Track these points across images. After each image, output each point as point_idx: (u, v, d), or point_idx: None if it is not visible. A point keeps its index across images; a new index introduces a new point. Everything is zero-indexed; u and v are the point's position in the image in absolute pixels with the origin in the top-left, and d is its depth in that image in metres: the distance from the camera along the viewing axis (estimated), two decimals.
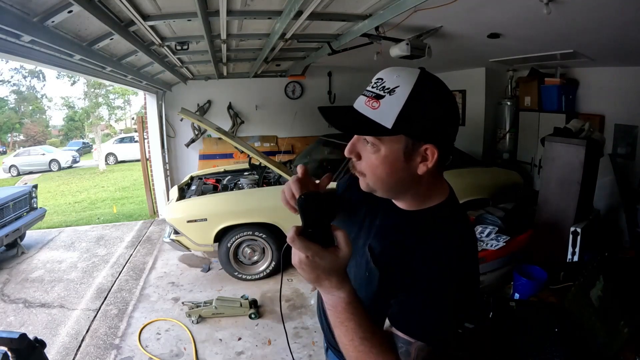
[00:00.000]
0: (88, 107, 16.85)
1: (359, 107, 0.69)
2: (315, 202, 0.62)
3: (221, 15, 2.17)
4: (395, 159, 0.69)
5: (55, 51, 2.13)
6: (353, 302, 0.63)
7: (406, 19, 2.32)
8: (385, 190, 0.74)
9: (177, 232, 3.29)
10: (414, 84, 0.66)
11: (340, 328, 0.63)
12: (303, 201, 0.62)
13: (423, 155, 0.69)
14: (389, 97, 0.66)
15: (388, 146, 0.68)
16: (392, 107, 0.65)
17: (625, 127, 3.35)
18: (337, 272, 0.61)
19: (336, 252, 0.60)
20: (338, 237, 0.61)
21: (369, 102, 0.68)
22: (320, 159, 4.17)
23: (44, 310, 3.17)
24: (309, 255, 0.59)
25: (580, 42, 2.80)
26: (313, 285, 0.64)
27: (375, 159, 0.69)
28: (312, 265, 0.60)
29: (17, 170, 14.03)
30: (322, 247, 0.60)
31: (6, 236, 3.93)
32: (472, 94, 4.95)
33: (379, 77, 0.69)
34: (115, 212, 6.79)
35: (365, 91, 0.70)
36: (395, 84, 0.66)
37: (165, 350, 2.56)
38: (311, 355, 2.49)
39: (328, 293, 0.63)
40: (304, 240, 0.59)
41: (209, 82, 5.51)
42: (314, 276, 0.61)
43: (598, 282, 1.84)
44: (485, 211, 3.24)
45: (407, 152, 0.68)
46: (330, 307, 0.64)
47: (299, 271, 0.62)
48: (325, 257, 0.59)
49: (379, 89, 0.67)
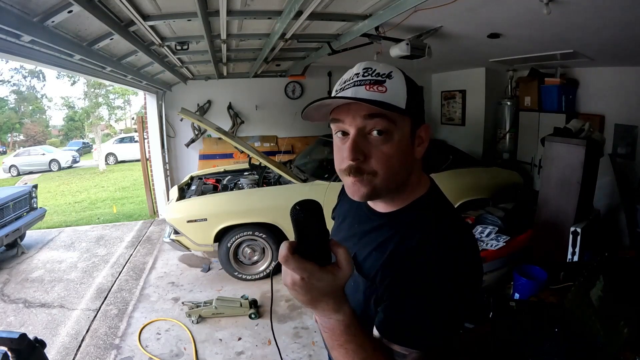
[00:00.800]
0: (88, 107, 16.86)
1: (362, 95, 0.63)
2: (313, 214, 0.52)
3: (221, 15, 2.17)
4: (407, 144, 0.67)
5: (55, 51, 2.13)
6: (352, 325, 0.56)
7: (406, 19, 2.32)
8: (395, 186, 0.68)
9: (177, 232, 3.29)
10: (399, 70, 0.67)
11: (339, 350, 0.57)
12: (298, 212, 0.52)
13: (419, 137, 0.69)
14: (389, 80, 0.65)
15: (400, 130, 0.65)
16: (398, 89, 0.65)
17: (625, 127, 3.35)
18: (334, 293, 0.54)
19: (335, 271, 0.53)
20: (338, 255, 0.54)
21: (371, 87, 0.64)
22: (320, 159, 4.18)
23: (44, 310, 3.17)
24: (305, 277, 0.51)
25: (580, 42, 2.80)
26: (306, 307, 0.58)
27: (388, 148, 0.64)
28: (307, 287, 0.52)
29: (17, 170, 14.02)
30: (319, 267, 0.52)
31: (6, 236, 3.93)
32: (472, 94, 4.96)
33: (365, 67, 0.67)
34: (115, 212, 6.79)
35: (355, 82, 0.65)
36: (387, 70, 0.66)
37: (165, 350, 2.57)
38: (311, 355, 2.49)
39: (324, 316, 0.56)
40: (299, 260, 0.51)
41: (209, 82, 5.51)
42: (308, 298, 0.53)
43: (598, 282, 1.84)
44: (485, 211, 3.25)
45: (412, 135, 0.67)
46: (327, 330, 0.57)
47: (290, 293, 0.54)
48: (322, 278, 0.51)
49: (374, 75, 0.65)
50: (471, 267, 0.65)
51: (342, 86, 0.67)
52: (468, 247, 0.66)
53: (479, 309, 2.01)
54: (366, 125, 0.64)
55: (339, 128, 0.67)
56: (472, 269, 0.65)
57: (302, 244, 0.52)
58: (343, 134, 0.67)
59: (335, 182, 3.39)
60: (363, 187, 0.66)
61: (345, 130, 0.66)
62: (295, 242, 0.53)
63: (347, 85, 0.66)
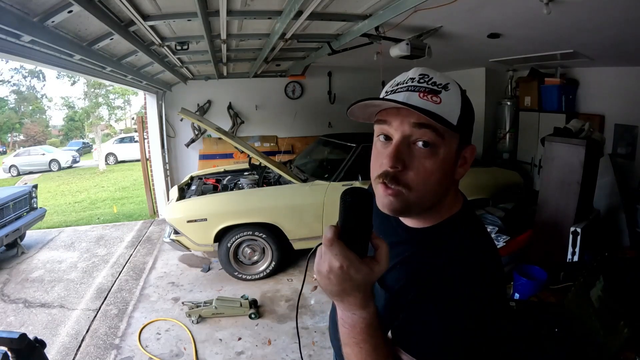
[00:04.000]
0: (88, 107, 16.85)
1: (414, 102, 0.59)
2: (363, 202, 0.50)
3: (221, 15, 2.17)
4: (450, 163, 0.62)
5: (55, 51, 2.13)
6: (374, 324, 0.55)
7: (406, 19, 2.32)
8: (429, 205, 0.64)
9: (177, 232, 3.29)
10: (456, 83, 0.63)
11: (354, 348, 0.55)
12: (350, 197, 0.50)
13: (464, 157, 0.65)
14: (445, 92, 0.60)
15: (447, 147, 0.61)
16: (453, 103, 0.60)
17: (625, 127, 3.35)
18: (365, 288, 0.52)
19: (372, 265, 0.51)
20: (379, 249, 0.52)
21: (426, 95, 0.60)
22: (320, 159, 4.18)
23: (44, 310, 3.17)
24: (345, 266, 0.49)
25: (580, 42, 2.80)
26: (332, 299, 0.55)
27: (431, 164, 0.60)
28: (343, 277, 0.50)
29: (17, 170, 14.02)
30: (359, 258, 0.50)
31: (6, 236, 3.93)
32: (472, 94, 4.88)
33: (422, 73, 0.63)
34: (115, 212, 6.79)
35: (409, 86, 0.61)
36: (445, 81, 0.62)
37: (165, 350, 2.56)
38: (311, 355, 2.48)
39: (348, 310, 0.54)
40: (344, 247, 0.49)
41: (209, 82, 5.52)
42: (339, 289, 0.51)
43: (598, 282, 1.84)
44: (485, 211, 3.25)
45: (457, 154, 0.63)
46: (347, 325, 0.55)
47: (319, 280, 0.52)
48: (361, 270, 0.50)
49: (430, 84, 0.61)
50: (494, 293, 0.62)
51: (394, 88, 0.63)
52: (495, 270, 0.64)
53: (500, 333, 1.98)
54: (413, 134, 0.60)
55: (382, 131, 0.63)
56: (495, 295, 0.62)
57: (346, 231, 0.50)
58: (386, 138, 0.63)
59: (335, 182, 3.39)
60: (396, 202, 0.61)
61: (389, 134, 0.62)
62: (340, 228, 0.51)
63: (399, 88, 0.62)
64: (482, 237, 0.68)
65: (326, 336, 2.63)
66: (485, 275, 0.62)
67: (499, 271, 0.65)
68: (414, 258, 0.66)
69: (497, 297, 0.63)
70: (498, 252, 0.70)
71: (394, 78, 0.67)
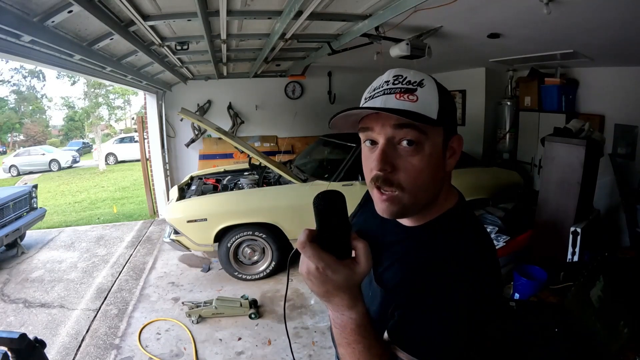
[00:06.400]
0: (88, 107, 16.84)
1: (391, 104, 0.61)
2: (334, 204, 0.51)
3: (221, 15, 2.17)
4: (438, 157, 0.63)
5: (55, 51, 2.13)
6: (364, 325, 0.55)
7: (406, 19, 2.32)
8: (424, 202, 0.65)
9: (177, 232, 3.29)
10: (431, 77, 0.64)
11: (347, 348, 0.56)
12: (320, 202, 0.52)
13: (451, 148, 0.66)
14: (421, 89, 0.61)
15: (432, 142, 0.62)
16: (430, 99, 0.61)
17: (625, 127, 3.35)
18: (350, 289, 0.53)
19: (353, 266, 0.52)
20: (358, 249, 0.53)
21: (402, 96, 0.61)
22: (320, 159, 4.18)
23: (44, 310, 3.17)
24: (320, 268, 0.51)
25: (580, 42, 2.80)
26: (320, 300, 0.56)
27: (418, 161, 0.61)
28: (322, 278, 0.52)
29: (17, 170, 14.03)
30: (336, 259, 0.51)
31: (6, 236, 3.93)
32: (472, 94, 4.95)
33: (396, 74, 0.64)
34: (115, 212, 6.79)
35: (385, 90, 0.63)
36: (419, 78, 0.63)
37: (165, 350, 2.56)
38: (311, 355, 2.48)
39: (337, 311, 0.55)
40: (317, 249, 0.51)
41: (209, 82, 5.52)
42: (322, 290, 0.53)
43: (598, 282, 1.84)
44: (485, 211, 3.25)
45: (444, 147, 0.64)
46: (338, 326, 0.56)
47: (306, 283, 0.54)
48: (339, 271, 0.51)
49: (405, 83, 0.62)
50: (491, 288, 0.63)
51: (372, 94, 0.64)
52: (490, 265, 0.64)
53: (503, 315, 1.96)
54: (396, 135, 0.61)
55: (367, 137, 0.64)
56: (491, 290, 0.63)
57: (321, 234, 0.52)
58: (372, 143, 0.64)
59: (336, 182, 3.39)
60: (392, 206, 0.63)
61: (373, 139, 0.63)
62: (316, 231, 0.52)
63: (376, 93, 0.64)
64: (478, 231, 0.69)
65: (326, 336, 2.63)
66: (481, 269, 0.62)
67: (494, 264, 0.66)
68: (410, 256, 0.67)
69: (494, 289, 0.64)
70: (494, 245, 0.70)
71: (371, 83, 0.68)
